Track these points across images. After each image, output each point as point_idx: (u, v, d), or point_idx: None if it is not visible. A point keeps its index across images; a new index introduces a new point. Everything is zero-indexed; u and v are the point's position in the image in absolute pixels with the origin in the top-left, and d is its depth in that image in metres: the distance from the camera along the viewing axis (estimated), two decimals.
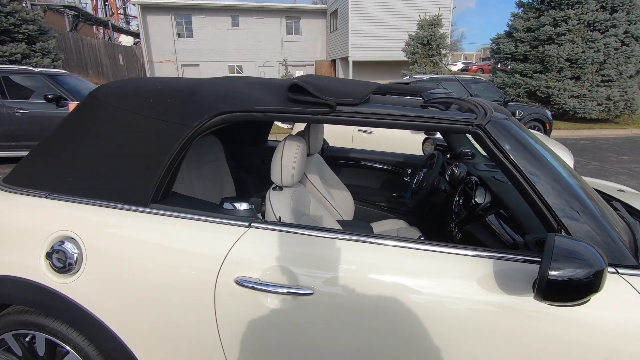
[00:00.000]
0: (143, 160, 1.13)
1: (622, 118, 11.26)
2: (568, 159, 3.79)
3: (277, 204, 1.32)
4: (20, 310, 1.20)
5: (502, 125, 1.06)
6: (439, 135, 3.92)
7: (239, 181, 2.36)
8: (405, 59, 12.53)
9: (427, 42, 11.81)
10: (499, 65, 12.58)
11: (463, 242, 1.65)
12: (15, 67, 5.68)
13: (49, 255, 1.11)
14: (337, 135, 4.42)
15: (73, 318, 1.14)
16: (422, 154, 2.58)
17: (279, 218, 1.26)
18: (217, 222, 1.10)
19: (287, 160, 1.34)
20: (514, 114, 6.71)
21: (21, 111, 5.28)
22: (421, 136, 4.03)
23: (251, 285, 1.02)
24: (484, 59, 31.74)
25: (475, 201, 1.60)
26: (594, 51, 10.42)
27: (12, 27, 8.77)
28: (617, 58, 10.53)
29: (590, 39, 10.40)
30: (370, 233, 1.85)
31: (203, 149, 2.04)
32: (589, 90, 10.58)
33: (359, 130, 4.41)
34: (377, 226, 2.26)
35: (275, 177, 1.36)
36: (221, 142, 2.21)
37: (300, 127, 4.89)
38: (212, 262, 1.06)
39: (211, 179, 2.08)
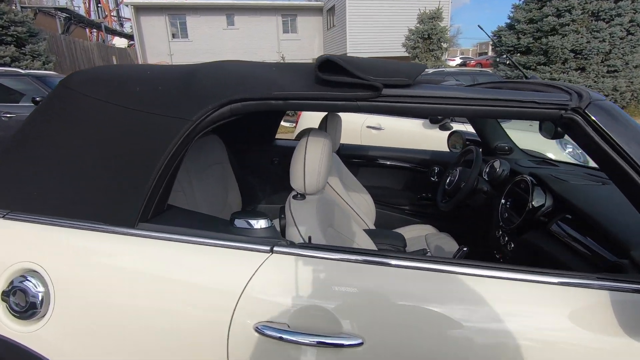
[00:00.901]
0: (129, 166, 0.86)
1: (629, 109, 11.04)
2: None
3: (301, 216, 1.05)
4: None
5: (606, 108, 0.80)
6: (464, 126, 3.65)
7: (245, 186, 2.09)
8: (406, 54, 12.27)
9: (428, 36, 11.55)
10: (501, 58, 12.32)
11: (517, 253, 1.39)
12: (1, 69, 5.39)
13: (5, 295, 0.84)
14: (342, 133, 4.14)
15: None
16: (448, 150, 2.31)
17: (309, 239, 0.98)
18: (229, 247, 0.83)
19: (312, 161, 1.07)
20: None
21: (8, 115, 4.98)
22: (436, 131, 3.77)
23: (278, 334, 0.75)
24: (480, 54, 31.50)
25: (532, 205, 1.33)
26: (599, 41, 10.17)
27: (0, 29, 8.45)
28: (622, 48, 10.30)
29: (595, 28, 10.16)
30: (402, 245, 1.59)
31: (204, 150, 1.77)
32: (595, 82, 10.34)
33: (368, 127, 4.14)
34: (402, 232, 1.99)
35: (296, 183, 1.09)
36: (223, 141, 1.94)
37: (305, 124, 4.61)
38: (223, 301, 0.79)
39: (214, 185, 1.81)
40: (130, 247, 0.85)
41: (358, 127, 4.18)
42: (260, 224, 0.87)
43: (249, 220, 0.88)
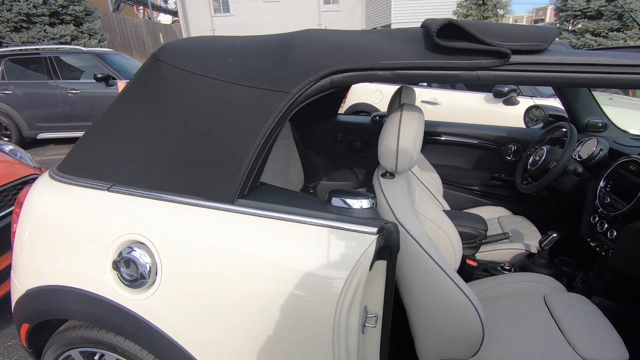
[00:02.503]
0: (228, 141, 0.84)
1: None
2: None
3: (394, 197, 0.99)
4: (86, 325, 1.00)
5: None
6: (532, 100, 3.36)
7: (307, 163, 2.06)
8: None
9: (483, 2, 10.65)
10: (564, 24, 11.13)
11: (621, 242, 1.25)
12: (66, 47, 5.69)
13: (116, 265, 0.87)
14: None
15: (149, 341, 0.91)
16: (525, 126, 2.12)
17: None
18: (331, 227, 0.79)
19: (407, 139, 0.99)
20: None
21: (73, 92, 5.30)
22: (499, 106, 3.50)
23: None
24: (535, 22, 28.72)
25: None
26: None
27: (60, 8, 8.89)
28: None
29: None
30: (484, 228, 1.49)
31: None
32: None
33: (423, 102, 3.94)
34: None
35: (388, 161, 1.03)
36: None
37: (353, 99, 4.48)
38: (327, 285, 0.76)
39: (278, 161, 1.79)
40: (230, 222, 0.84)
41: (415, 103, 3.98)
42: (363, 203, 0.82)
43: (346, 200, 0.84)
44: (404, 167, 1.02)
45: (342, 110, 4.90)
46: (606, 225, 1.32)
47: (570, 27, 10.78)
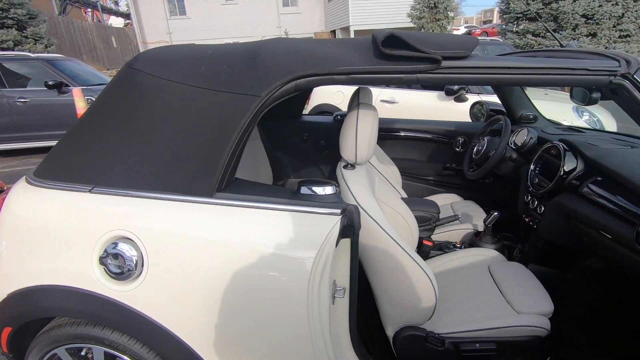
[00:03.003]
0: (206, 142, 0.94)
1: None
2: (611, 121, 3.56)
3: (355, 185, 1.13)
4: (72, 322, 1.05)
5: None
6: (479, 97, 3.66)
7: (275, 162, 2.17)
8: (411, 24, 11.97)
9: (434, 5, 11.23)
10: (509, 25, 11.99)
11: (548, 215, 1.47)
12: (11, 53, 5.37)
13: (102, 260, 0.94)
14: None
15: (137, 329, 0.98)
16: (470, 120, 2.36)
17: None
18: (302, 212, 0.91)
19: (364, 132, 1.13)
20: None
21: (22, 100, 5.02)
22: (451, 103, 3.78)
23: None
24: (485, 22, 30.52)
25: (564, 169, 1.40)
26: (612, 4, 9.86)
27: (0, 12, 8.32)
28: (636, 11, 9.98)
29: None
30: (437, 212, 1.68)
31: None
32: (606, 47, 10.12)
33: (382, 101, 4.16)
34: None
35: (348, 153, 1.17)
36: None
37: (316, 100, 4.63)
38: (299, 264, 0.88)
39: (247, 161, 1.89)
40: (210, 214, 0.93)
41: (372, 102, 4.19)
42: (327, 190, 0.95)
43: (312, 187, 0.96)
44: (363, 158, 1.16)
45: (306, 111, 5.02)
46: (536, 202, 1.54)
47: (514, 29, 11.66)
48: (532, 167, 1.61)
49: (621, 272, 1.23)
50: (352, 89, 4.30)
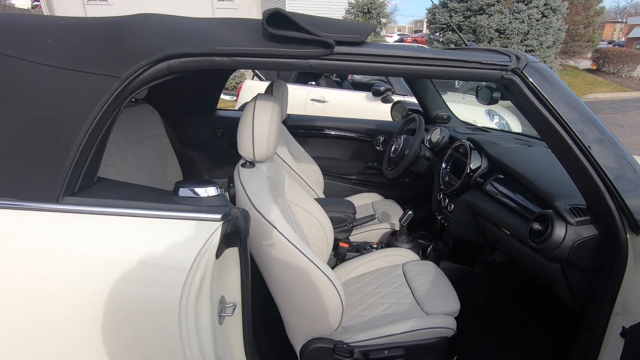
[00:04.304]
0: (47, 133, 0.74)
1: None
2: (517, 124, 3.90)
3: (252, 185, 1.00)
4: None
5: (541, 70, 0.86)
6: (404, 98, 3.76)
7: (186, 160, 1.95)
8: None
9: (368, 10, 11.61)
10: (435, 35, 12.86)
11: (457, 213, 1.49)
12: None
13: None
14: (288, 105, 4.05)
15: None
16: (392, 119, 2.38)
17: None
18: (175, 218, 0.76)
19: (261, 126, 1.01)
20: (454, 85, 6.88)
21: None
22: (378, 104, 3.85)
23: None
24: (415, 32, 32.60)
25: (470, 167, 1.43)
26: (519, 22, 11.06)
27: None
28: (538, 29, 11.32)
29: (516, 10, 11.00)
30: (352, 212, 1.62)
31: (135, 121, 1.60)
32: None
33: (312, 100, 4.10)
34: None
35: (245, 150, 1.04)
36: (158, 112, 1.77)
37: (246, 96, 4.42)
38: (168, 277, 0.73)
39: (150, 159, 1.66)
40: (55, 223, 0.74)
41: (302, 100, 4.11)
42: (209, 191, 0.81)
43: (195, 189, 0.81)
44: (262, 155, 1.04)
45: (235, 108, 4.78)
46: (447, 200, 1.56)
47: (440, 38, 12.53)
48: (443, 165, 1.64)
49: (520, 266, 1.28)
50: (293, 87, 4.18)
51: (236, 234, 0.79)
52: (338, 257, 1.54)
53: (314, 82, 4.37)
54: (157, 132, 1.75)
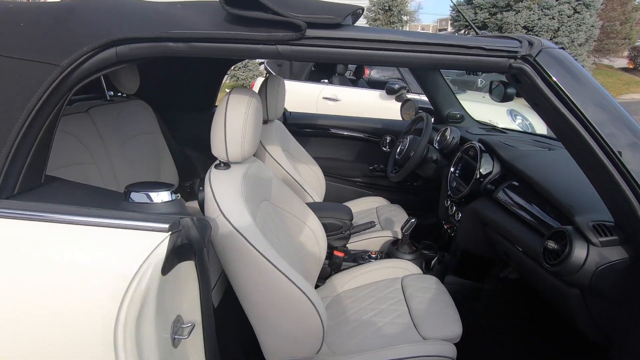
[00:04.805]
0: None
1: None
2: (542, 125, 3.64)
3: (222, 188, 0.89)
4: None
5: (559, 57, 0.71)
6: (419, 96, 3.59)
7: (182, 159, 1.88)
8: (366, 25, 12.04)
9: (389, 8, 11.37)
10: (459, 33, 12.47)
11: (465, 223, 1.34)
12: None
13: None
14: (298, 104, 3.95)
15: None
16: (401, 118, 2.23)
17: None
18: (115, 226, 0.66)
19: (235, 124, 0.91)
20: (476, 84, 6.57)
21: None
22: (393, 102, 3.68)
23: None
24: (440, 30, 31.88)
25: (480, 172, 1.27)
26: (549, 18, 10.54)
27: None
28: (569, 25, 10.75)
29: (545, 6, 10.48)
30: (349, 218, 1.49)
31: (125, 117, 1.53)
32: None
33: (324, 98, 3.98)
34: (353, 205, 1.90)
35: (217, 149, 0.94)
36: (152, 108, 1.71)
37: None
38: (105, 297, 0.63)
39: (140, 158, 1.59)
40: None
41: (314, 99, 4.00)
42: (161, 197, 0.71)
43: (148, 193, 0.72)
44: (236, 156, 0.94)
45: None
46: (454, 208, 1.41)
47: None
48: (452, 169, 1.48)
49: (535, 287, 1.12)
50: (298, 84, 4.08)
51: (188, 246, 0.69)
52: (332, 266, 1.41)
53: (326, 80, 4.24)
54: (149, 130, 1.68)
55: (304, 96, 3.97)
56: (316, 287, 1.35)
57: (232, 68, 9.27)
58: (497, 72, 0.74)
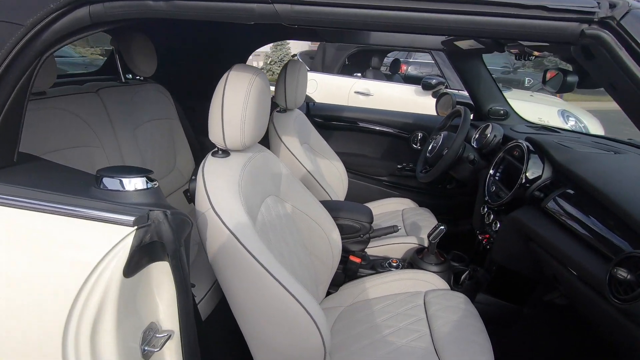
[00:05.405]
0: None
1: None
2: (599, 129, 3.28)
3: (216, 178, 0.78)
4: None
5: None
6: (458, 91, 3.34)
7: (199, 147, 1.81)
8: None
9: None
10: None
11: (503, 235, 1.15)
12: None
13: None
14: (328, 97, 3.81)
15: None
16: (437, 114, 2.03)
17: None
18: (82, 217, 0.56)
19: (234, 105, 0.79)
20: (523, 83, 6.08)
21: None
22: (429, 98, 3.45)
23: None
24: None
25: (526, 176, 1.08)
26: None
27: None
28: None
29: None
30: (368, 220, 1.34)
31: (140, 100, 1.47)
32: None
33: (356, 92, 3.81)
34: (377, 206, 1.74)
35: (214, 134, 0.82)
36: (171, 93, 1.64)
37: None
38: (53, 300, 0.54)
39: (155, 144, 1.53)
40: None
41: (345, 93, 3.85)
42: (133, 184, 0.60)
43: (121, 179, 0.61)
44: (235, 143, 0.82)
45: None
46: (492, 216, 1.22)
47: None
48: (492, 171, 1.29)
49: (590, 320, 0.91)
50: (327, 77, 3.95)
51: (158, 244, 0.58)
52: (347, 273, 1.27)
53: (359, 74, 4.07)
54: (166, 115, 1.61)
55: (336, 89, 3.83)
56: (328, 294, 1.22)
57: (267, 62, 9.26)
58: (561, 43, 0.56)
